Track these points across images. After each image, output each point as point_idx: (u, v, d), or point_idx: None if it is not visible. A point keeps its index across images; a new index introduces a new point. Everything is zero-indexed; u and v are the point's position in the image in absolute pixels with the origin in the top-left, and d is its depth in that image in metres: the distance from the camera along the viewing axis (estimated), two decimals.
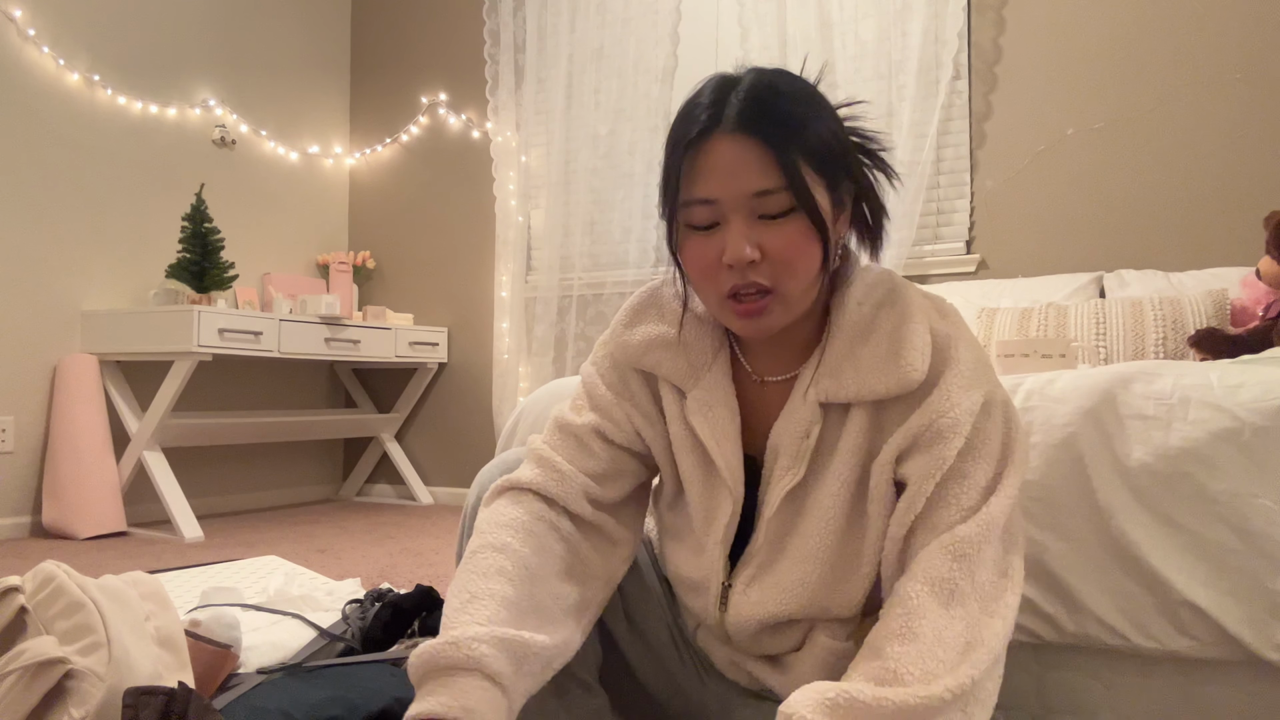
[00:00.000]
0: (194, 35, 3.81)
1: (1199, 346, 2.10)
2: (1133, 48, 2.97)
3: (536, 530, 0.90)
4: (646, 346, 0.96)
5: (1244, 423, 1.09)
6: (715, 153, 0.84)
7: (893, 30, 3.22)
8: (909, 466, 0.85)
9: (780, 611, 0.91)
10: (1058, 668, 1.19)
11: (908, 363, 0.85)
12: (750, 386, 0.96)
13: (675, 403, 0.96)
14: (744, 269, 0.84)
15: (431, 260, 4.30)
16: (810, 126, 0.85)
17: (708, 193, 0.85)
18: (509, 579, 0.84)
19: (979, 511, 0.82)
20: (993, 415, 0.85)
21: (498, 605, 0.81)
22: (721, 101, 0.85)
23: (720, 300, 0.87)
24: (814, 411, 0.89)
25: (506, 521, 0.89)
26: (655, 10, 3.67)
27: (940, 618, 0.78)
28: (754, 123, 0.83)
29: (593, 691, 1.01)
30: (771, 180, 0.83)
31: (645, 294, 1.01)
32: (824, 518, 0.89)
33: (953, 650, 0.76)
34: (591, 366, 1.02)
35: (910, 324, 0.87)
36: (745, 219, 0.84)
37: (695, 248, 0.87)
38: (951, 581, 0.79)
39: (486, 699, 0.76)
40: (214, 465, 3.82)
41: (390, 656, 1.39)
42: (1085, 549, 1.14)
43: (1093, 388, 1.19)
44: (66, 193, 3.33)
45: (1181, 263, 2.76)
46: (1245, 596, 1.07)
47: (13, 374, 3.16)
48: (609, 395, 0.98)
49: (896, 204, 3.15)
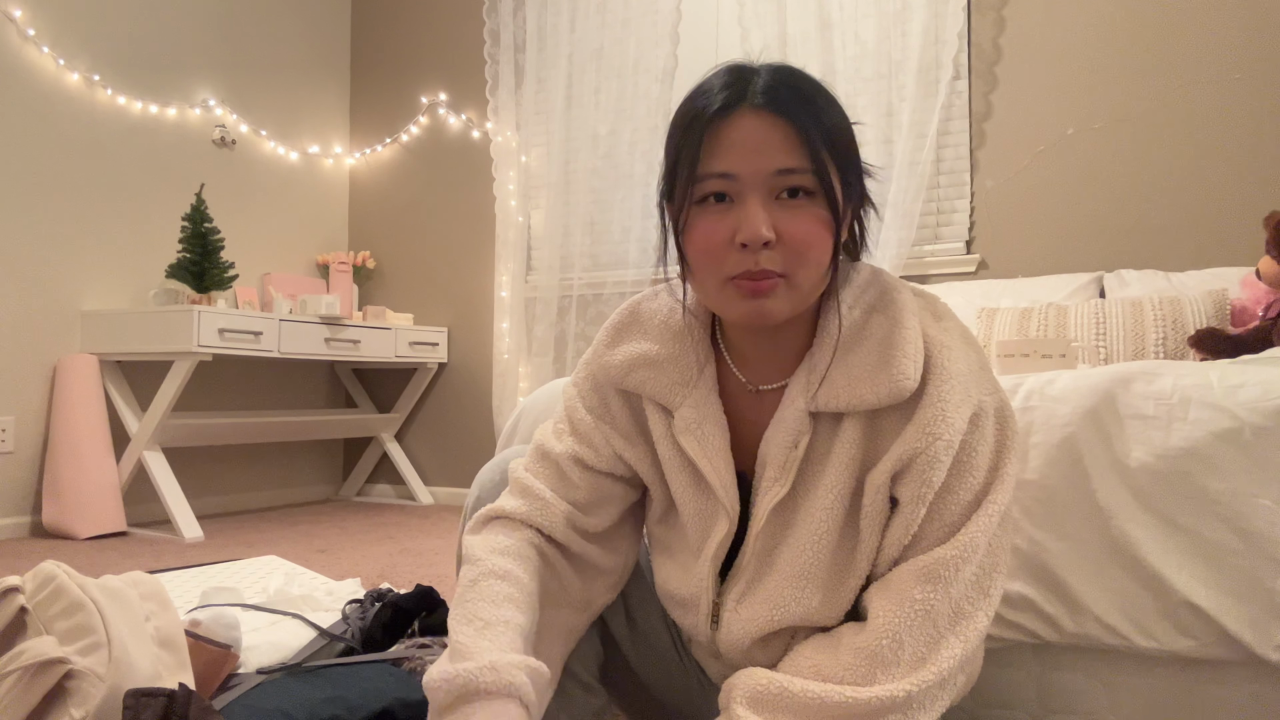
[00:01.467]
0: (194, 35, 3.81)
1: (1199, 346, 2.10)
2: (1133, 47, 2.97)
3: (531, 558, 0.89)
4: (630, 366, 0.93)
5: (1244, 423, 1.09)
6: (739, 128, 0.81)
7: (893, 30, 3.22)
8: (902, 489, 0.83)
9: (771, 628, 0.88)
10: (1058, 668, 1.19)
11: (900, 371, 0.82)
12: (743, 397, 0.93)
13: (662, 422, 0.93)
14: (757, 252, 0.80)
15: (431, 260, 4.30)
16: (832, 116, 0.83)
17: (727, 167, 0.81)
18: (517, 607, 0.84)
19: (960, 531, 0.81)
20: (981, 427, 0.83)
21: (514, 634, 0.81)
22: (744, 81, 0.83)
23: (723, 283, 0.83)
24: (803, 421, 0.86)
25: (504, 549, 0.89)
26: (655, 10, 3.67)
27: (905, 632, 0.79)
28: (783, 101, 0.81)
29: (593, 691, 1.01)
30: (796, 159, 0.80)
31: (626, 311, 0.98)
32: (815, 531, 0.86)
33: (904, 664, 0.78)
34: (573, 387, 1.00)
35: (902, 330, 0.84)
36: (763, 197, 0.81)
37: (705, 225, 0.83)
38: (925, 602, 0.80)
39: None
40: (214, 465, 3.82)
41: (390, 656, 1.38)
42: (1085, 549, 1.14)
43: (1093, 388, 1.19)
44: (66, 193, 3.33)
45: (1181, 263, 2.76)
46: (1245, 596, 1.07)
47: (13, 374, 3.16)
48: (588, 419, 0.96)
49: (897, 204, 3.15)
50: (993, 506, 0.82)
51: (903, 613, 0.79)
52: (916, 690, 0.76)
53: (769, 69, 0.84)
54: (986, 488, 0.83)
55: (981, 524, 0.81)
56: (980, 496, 0.83)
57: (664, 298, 0.96)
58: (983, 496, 0.83)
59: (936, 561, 0.80)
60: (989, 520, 0.82)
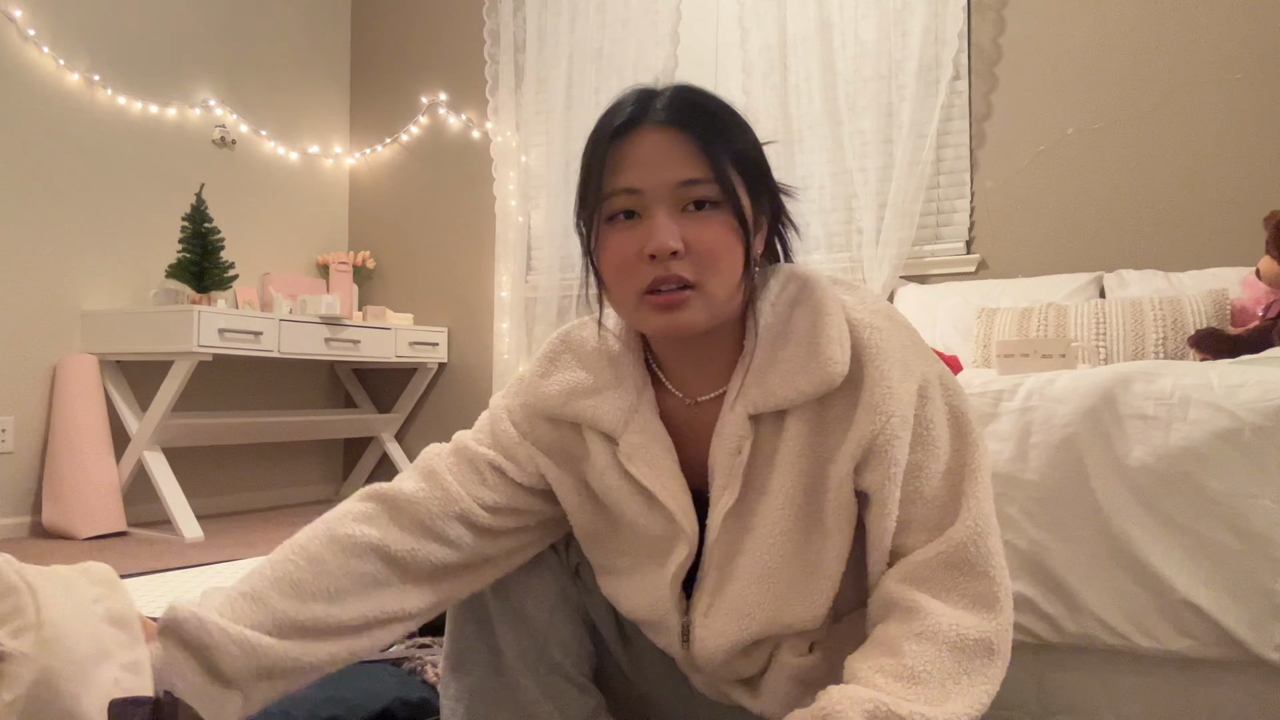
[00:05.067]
0: (194, 35, 3.81)
1: (1199, 346, 2.10)
2: (1133, 48, 2.97)
3: (352, 550, 0.86)
4: (567, 396, 0.92)
5: (1244, 423, 1.09)
6: (642, 143, 0.84)
7: (893, 30, 3.22)
8: (867, 478, 0.83)
9: (743, 637, 0.87)
10: (1058, 668, 1.19)
11: (827, 356, 0.82)
12: (682, 411, 0.92)
13: (606, 450, 0.91)
14: (666, 261, 0.81)
15: (431, 260, 4.30)
16: (735, 131, 0.86)
17: (630, 182, 0.83)
18: (279, 588, 0.83)
19: (961, 509, 0.82)
20: (930, 398, 0.84)
21: (244, 601, 0.81)
22: (647, 101, 0.86)
23: (638, 298, 0.84)
24: (743, 426, 0.86)
25: (328, 532, 0.87)
26: (655, 10, 3.66)
27: (949, 614, 0.78)
28: (681, 116, 0.84)
29: (588, 692, 1.01)
30: (698, 170, 0.82)
31: (557, 340, 0.98)
32: (771, 534, 0.85)
33: (971, 654, 0.77)
34: (503, 405, 0.98)
35: (825, 318, 0.85)
36: (669, 210, 0.83)
37: (615, 242, 0.85)
38: (960, 587, 0.80)
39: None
40: (214, 465, 3.82)
41: (390, 657, 1.39)
42: (1085, 549, 1.14)
43: (1093, 388, 1.19)
44: (66, 193, 3.33)
45: (1181, 263, 2.75)
46: (1245, 596, 1.07)
47: (13, 374, 3.16)
48: (514, 435, 0.95)
49: (897, 204, 3.15)
50: (979, 473, 0.83)
51: (942, 597, 0.80)
52: (992, 688, 0.78)
53: (674, 89, 0.87)
54: (963, 458, 0.84)
55: (979, 493, 0.82)
56: (961, 467, 0.83)
57: (593, 325, 0.97)
58: (963, 466, 0.83)
59: (957, 547, 0.80)
60: (984, 487, 0.82)
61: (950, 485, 0.83)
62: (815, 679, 0.87)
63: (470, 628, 1.00)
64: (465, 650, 1.00)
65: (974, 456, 0.84)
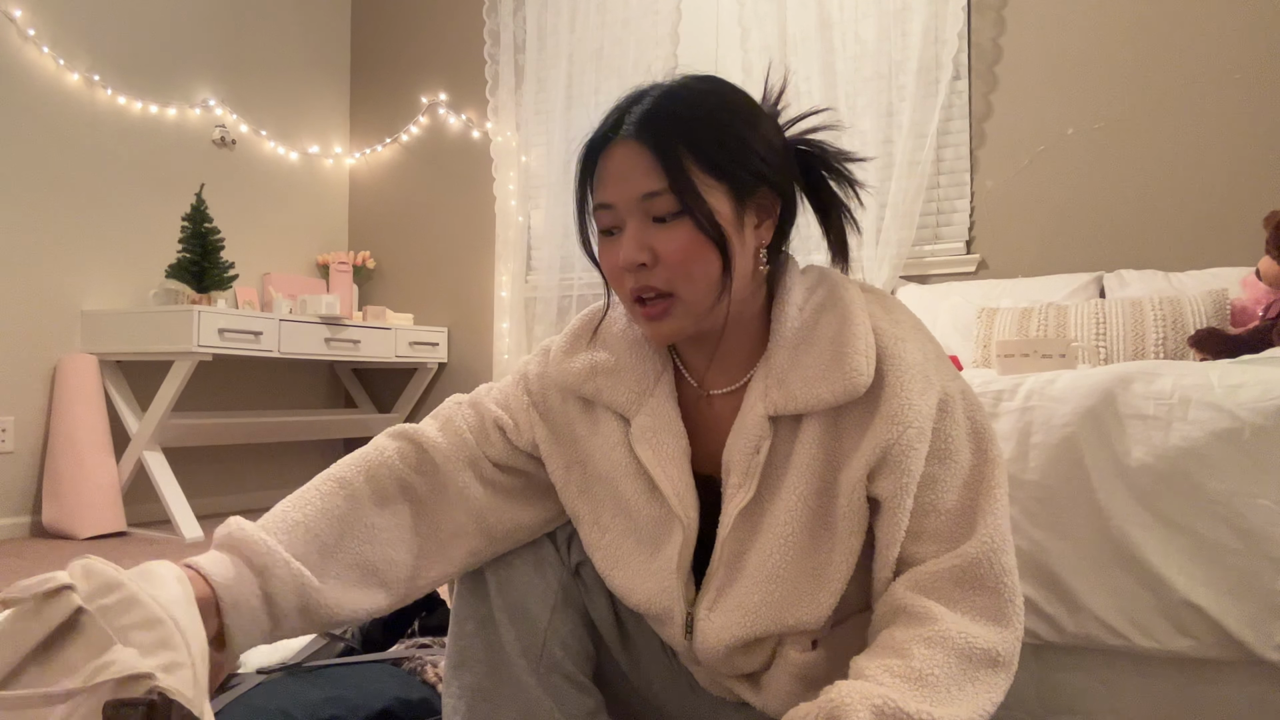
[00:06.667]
0: (194, 35, 3.81)
1: (1199, 346, 2.10)
2: (1133, 47, 2.97)
3: (391, 483, 0.92)
4: (587, 374, 0.95)
5: (1244, 423, 1.09)
6: (612, 159, 0.86)
7: (893, 30, 3.22)
8: (880, 485, 0.83)
9: (746, 634, 0.88)
10: (1058, 668, 1.20)
11: (852, 367, 0.83)
12: (699, 402, 0.94)
13: (618, 429, 0.94)
14: (637, 272, 0.85)
15: (431, 260, 4.30)
16: (702, 130, 0.85)
17: (604, 198, 0.87)
18: (329, 517, 0.88)
19: (978, 526, 0.82)
20: (951, 413, 0.84)
21: (294, 531, 0.85)
22: (624, 112, 0.87)
23: (630, 305, 0.89)
24: (763, 426, 0.87)
25: (369, 461, 0.92)
26: (655, 10, 3.66)
27: (959, 623, 0.79)
28: (646, 128, 0.85)
29: (587, 691, 1.01)
30: (656, 182, 0.84)
31: (585, 319, 1.01)
32: (781, 535, 0.86)
33: (978, 663, 0.77)
34: (524, 370, 1.02)
35: (851, 326, 0.85)
36: (639, 223, 0.85)
37: (603, 254, 0.89)
38: (973, 605, 0.80)
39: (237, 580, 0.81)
40: (214, 465, 3.82)
41: (390, 656, 1.38)
42: (1085, 549, 1.14)
43: (1093, 388, 1.19)
44: (66, 193, 3.33)
45: (1181, 263, 2.75)
46: (1245, 596, 1.07)
47: (13, 374, 3.16)
48: (524, 400, 1.00)
49: (897, 204, 3.15)
50: (998, 490, 0.83)
51: (953, 606, 0.80)
52: (998, 697, 0.78)
53: (658, 92, 0.87)
54: (982, 473, 0.84)
55: (996, 509, 0.82)
56: (979, 482, 0.83)
57: (622, 309, 0.98)
58: (981, 481, 0.83)
59: (971, 563, 0.81)
60: (1001, 504, 0.83)
61: (967, 500, 0.84)
62: (818, 676, 0.87)
63: (471, 626, 1.00)
64: (466, 649, 1.00)
65: (993, 473, 0.84)
